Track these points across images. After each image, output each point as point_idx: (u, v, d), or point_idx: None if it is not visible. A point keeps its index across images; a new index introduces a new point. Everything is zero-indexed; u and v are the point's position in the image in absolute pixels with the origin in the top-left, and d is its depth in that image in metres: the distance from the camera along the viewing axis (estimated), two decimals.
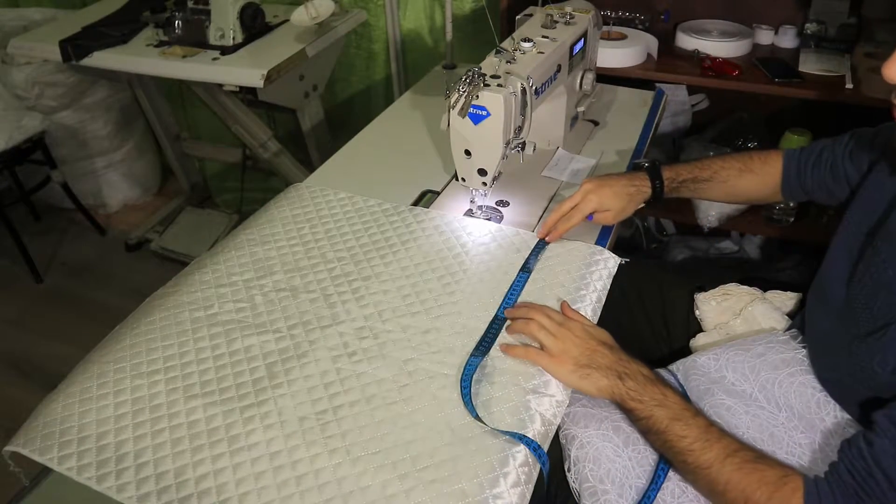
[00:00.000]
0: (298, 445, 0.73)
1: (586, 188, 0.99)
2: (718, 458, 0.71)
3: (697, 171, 1.04)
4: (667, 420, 0.75)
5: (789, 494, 0.67)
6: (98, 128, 2.31)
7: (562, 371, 0.80)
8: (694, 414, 0.75)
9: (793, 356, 0.83)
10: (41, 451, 0.75)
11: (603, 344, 0.82)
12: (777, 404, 0.81)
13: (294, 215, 1.09)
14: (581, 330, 0.84)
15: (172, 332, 0.88)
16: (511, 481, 0.68)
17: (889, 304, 0.70)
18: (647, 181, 1.02)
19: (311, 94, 1.88)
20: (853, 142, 0.93)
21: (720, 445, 0.72)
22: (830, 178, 0.96)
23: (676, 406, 0.76)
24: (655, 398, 0.77)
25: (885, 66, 0.64)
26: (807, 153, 0.99)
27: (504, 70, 0.96)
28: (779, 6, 1.71)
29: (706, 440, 0.73)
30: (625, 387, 0.78)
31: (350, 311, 0.90)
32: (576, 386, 0.80)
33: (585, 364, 0.79)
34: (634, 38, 1.67)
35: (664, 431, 0.75)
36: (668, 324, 1.06)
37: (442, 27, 1.94)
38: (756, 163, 1.03)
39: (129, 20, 1.76)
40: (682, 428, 0.74)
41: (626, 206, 1.01)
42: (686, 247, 1.94)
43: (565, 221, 1.00)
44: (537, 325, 0.84)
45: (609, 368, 0.79)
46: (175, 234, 2.28)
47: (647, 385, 0.78)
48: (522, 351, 0.82)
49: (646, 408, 0.76)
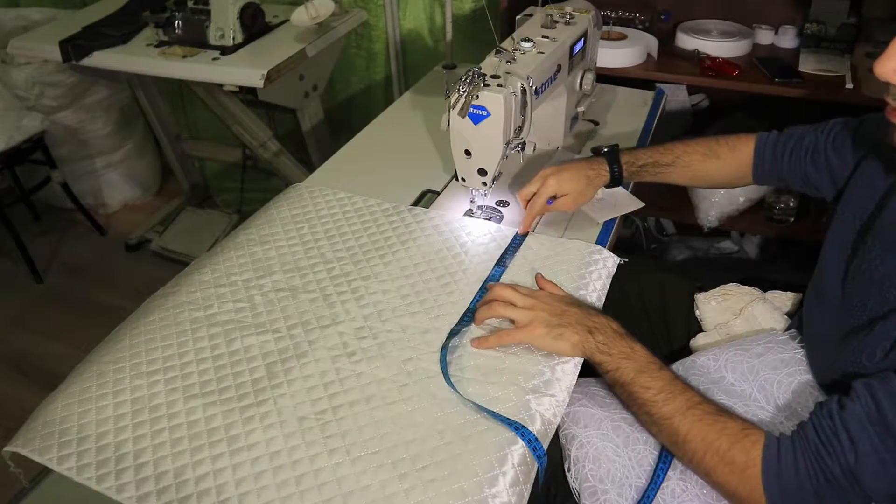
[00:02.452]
0: (298, 445, 0.73)
1: (544, 173, 1.01)
2: (680, 410, 0.72)
3: (658, 156, 1.04)
4: (633, 372, 0.77)
5: (749, 446, 0.68)
6: (98, 128, 2.31)
7: (535, 337, 0.81)
8: (660, 367, 0.77)
9: (791, 356, 0.83)
10: (41, 452, 0.75)
11: (572, 304, 0.85)
12: (776, 405, 0.80)
13: (294, 215, 1.09)
14: (548, 296, 0.86)
15: (172, 332, 0.88)
16: (510, 480, 0.68)
17: (881, 300, 0.70)
18: (604, 165, 1.03)
19: (311, 94, 1.88)
20: (836, 131, 0.93)
21: (683, 397, 0.73)
22: (811, 166, 0.95)
23: (643, 359, 0.78)
24: (623, 351, 0.78)
25: (877, 63, 0.64)
26: (785, 138, 0.99)
27: (504, 70, 0.96)
28: (779, 6, 1.71)
29: (670, 392, 0.74)
30: (594, 340, 0.79)
31: (349, 311, 0.90)
32: (551, 347, 0.81)
33: (556, 325, 0.81)
34: (634, 38, 1.67)
35: (630, 383, 0.77)
36: (667, 324, 1.06)
37: (442, 27, 1.94)
38: (723, 148, 1.03)
39: (129, 20, 1.76)
40: (647, 380, 0.76)
41: (584, 189, 1.01)
42: (686, 247, 1.94)
43: (529, 209, 1.01)
44: (502, 305, 0.85)
45: (579, 324, 0.81)
46: (175, 234, 2.27)
47: (615, 338, 0.80)
48: (494, 338, 0.83)
49: (613, 360, 0.78)
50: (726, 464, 0.69)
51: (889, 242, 0.72)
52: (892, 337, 0.67)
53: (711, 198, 1.70)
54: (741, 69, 1.57)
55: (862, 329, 0.71)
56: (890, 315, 0.68)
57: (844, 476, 0.63)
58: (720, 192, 1.69)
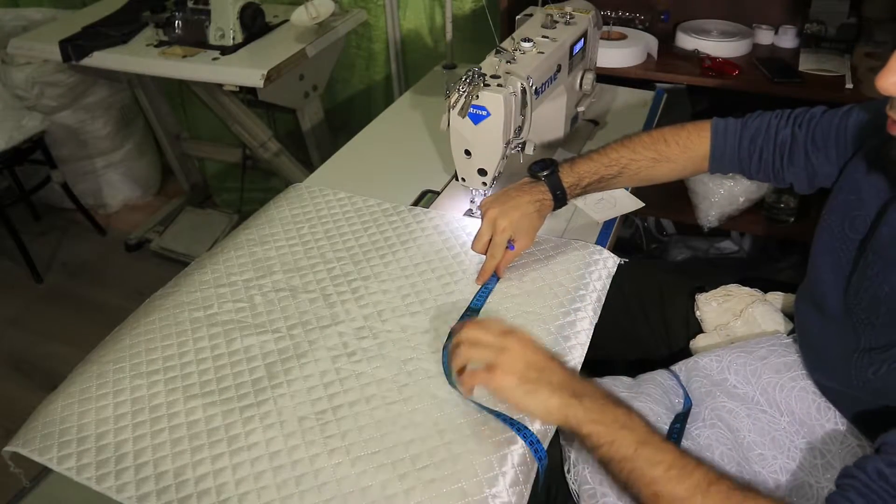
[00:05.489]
0: (298, 445, 0.73)
1: (490, 216, 0.91)
2: (701, 487, 0.60)
3: (603, 170, 0.96)
4: (635, 444, 0.64)
5: None
6: (98, 128, 2.31)
7: (503, 386, 0.68)
8: (663, 438, 0.65)
9: (794, 360, 0.83)
10: (41, 452, 0.75)
11: (555, 359, 0.71)
12: (779, 408, 0.80)
13: (294, 215, 1.09)
14: (528, 340, 0.72)
15: (172, 332, 0.88)
16: (510, 480, 0.68)
17: (892, 320, 0.68)
18: (548, 193, 0.94)
19: (311, 94, 1.88)
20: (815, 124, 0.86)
21: (701, 472, 0.61)
22: (788, 164, 0.88)
23: (643, 429, 0.65)
24: (619, 420, 0.65)
25: (879, 77, 0.60)
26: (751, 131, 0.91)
27: (504, 70, 0.96)
28: (779, 6, 1.71)
29: (682, 467, 0.62)
30: (582, 407, 0.66)
31: (349, 311, 0.90)
32: (520, 403, 0.68)
33: (533, 379, 0.68)
34: (634, 38, 1.67)
35: (631, 458, 0.63)
36: (667, 324, 1.06)
37: (442, 27, 1.94)
38: (673, 150, 0.95)
39: (129, 20, 1.76)
40: (654, 453, 0.63)
41: (536, 223, 0.94)
42: (686, 247, 1.94)
43: (492, 260, 0.92)
44: (468, 345, 0.72)
45: (561, 386, 0.68)
46: (175, 234, 2.27)
47: (608, 405, 0.67)
48: (466, 377, 0.72)
49: (608, 431, 0.65)
50: None
51: (891, 259, 0.70)
52: None
53: (711, 198, 1.70)
54: (741, 69, 1.57)
55: (873, 350, 0.69)
56: None
57: None
58: (720, 192, 1.68)
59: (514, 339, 0.71)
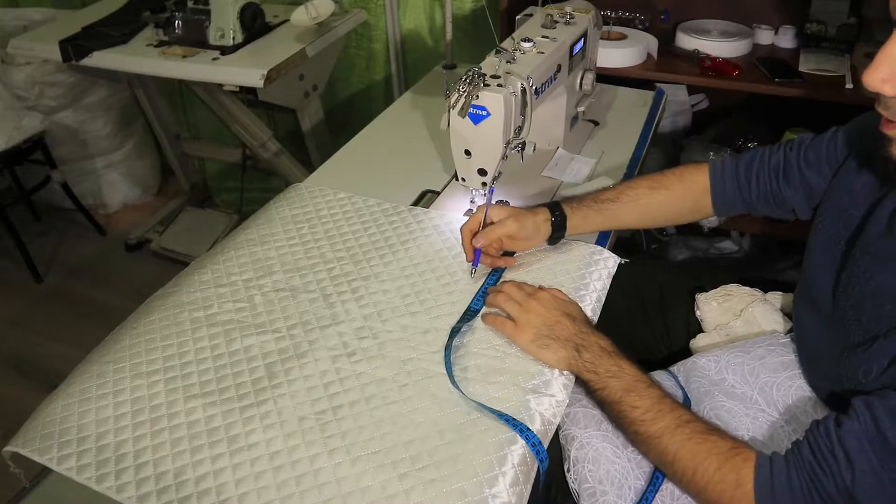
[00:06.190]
0: (298, 445, 0.73)
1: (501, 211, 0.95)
2: (669, 428, 0.71)
3: (599, 193, 1.00)
4: (620, 391, 0.76)
5: (739, 464, 0.67)
6: (98, 128, 2.31)
7: (522, 339, 0.82)
8: (648, 385, 0.76)
9: (792, 359, 0.83)
10: (40, 452, 0.75)
11: (567, 315, 0.84)
12: (776, 408, 0.80)
13: (294, 215, 1.09)
14: (548, 300, 0.85)
15: (172, 332, 0.88)
16: (510, 480, 0.68)
17: (877, 316, 0.69)
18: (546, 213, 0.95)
19: (311, 94, 1.88)
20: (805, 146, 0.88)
21: (672, 416, 0.72)
22: (785, 186, 0.90)
23: (630, 377, 0.77)
24: (610, 370, 0.78)
25: (866, 73, 0.60)
26: (745, 162, 0.94)
27: (504, 70, 0.96)
28: (779, 6, 1.71)
29: (658, 410, 0.73)
30: (581, 358, 0.79)
31: (349, 311, 0.90)
32: (535, 355, 0.81)
33: (546, 334, 0.81)
34: (634, 38, 1.67)
35: (618, 402, 0.76)
36: (667, 324, 1.06)
37: (442, 27, 1.94)
38: (670, 179, 0.99)
39: (129, 20, 1.76)
40: (635, 398, 0.75)
41: (534, 236, 0.94)
42: (686, 247, 1.94)
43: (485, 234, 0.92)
44: (504, 297, 0.86)
45: (568, 340, 0.81)
46: (175, 234, 2.28)
47: (602, 356, 0.79)
48: (491, 318, 0.86)
49: (600, 379, 0.77)
50: (716, 483, 0.67)
51: (877, 256, 0.71)
52: (889, 355, 0.65)
53: None
54: (741, 69, 1.57)
55: (859, 346, 0.70)
56: (889, 334, 0.66)
57: (841, 496, 0.62)
58: None
59: (535, 300, 0.85)
